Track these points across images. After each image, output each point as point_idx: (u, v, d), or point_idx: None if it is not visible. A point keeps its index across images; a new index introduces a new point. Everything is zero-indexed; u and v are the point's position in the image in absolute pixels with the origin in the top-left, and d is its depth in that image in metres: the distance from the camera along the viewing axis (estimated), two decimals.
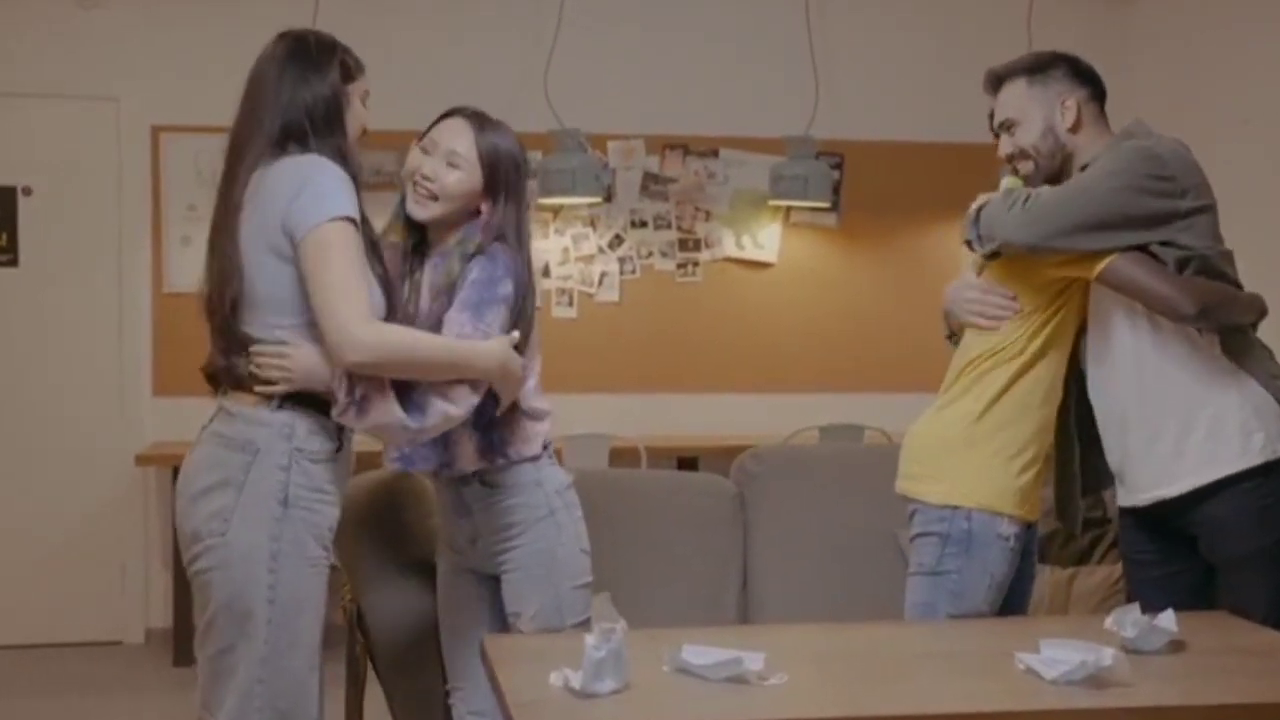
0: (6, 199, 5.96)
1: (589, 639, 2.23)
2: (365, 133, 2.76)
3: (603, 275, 6.45)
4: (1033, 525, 3.06)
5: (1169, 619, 2.55)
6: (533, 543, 2.88)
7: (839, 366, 6.57)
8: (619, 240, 6.46)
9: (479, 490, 2.90)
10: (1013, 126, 3.00)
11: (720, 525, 3.80)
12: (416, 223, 2.90)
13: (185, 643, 2.75)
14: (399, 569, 3.23)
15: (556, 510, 2.89)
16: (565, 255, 6.39)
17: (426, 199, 2.86)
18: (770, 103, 6.42)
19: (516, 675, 2.35)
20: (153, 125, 6.03)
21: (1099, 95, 3.00)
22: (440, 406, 2.68)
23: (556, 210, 6.30)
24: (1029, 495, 2.99)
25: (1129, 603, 2.76)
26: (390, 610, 3.21)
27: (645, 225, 6.48)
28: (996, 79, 3.03)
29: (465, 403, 2.71)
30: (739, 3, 6.49)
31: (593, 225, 6.43)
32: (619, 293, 6.46)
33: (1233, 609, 2.87)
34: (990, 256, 2.95)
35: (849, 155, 6.55)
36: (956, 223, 3.11)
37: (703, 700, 2.25)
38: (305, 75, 2.65)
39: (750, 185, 6.47)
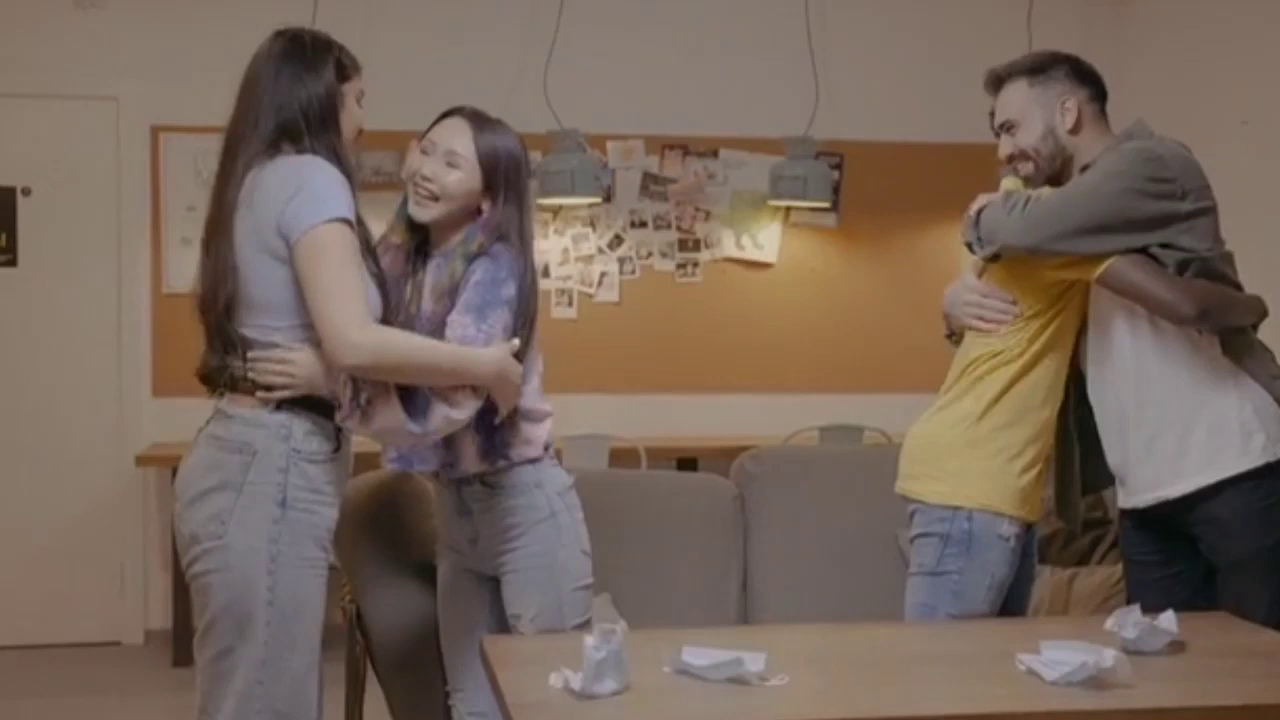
0: (5, 199, 5.95)
1: (589, 640, 2.22)
2: (361, 132, 2.74)
3: (602, 275, 6.44)
4: (1033, 526, 3.06)
5: (1169, 620, 2.54)
6: (533, 544, 2.87)
7: (839, 367, 6.56)
8: (618, 240, 6.46)
9: (479, 491, 2.89)
10: (1013, 127, 3.00)
11: (720, 526, 3.80)
12: (419, 224, 2.89)
13: (184, 643, 2.75)
14: (399, 570, 3.23)
15: (557, 512, 2.89)
16: (565, 255, 6.38)
17: (427, 200, 2.86)
18: (770, 103, 6.42)
19: (516, 676, 2.35)
20: (152, 125, 6.02)
21: (1100, 96, 3.00)
22: (443, 410, 2.68)
23: (556, 210, 6.29)
24: (1030, 496, 2.98)
25: (1129, 603, 2.76)
26: (390, 611, 3.20)
27: (645, 225, 6.48)
28: (997, 79, 3.03)
29: (468, 407, 2.71)
30: (738, 3, 6.49)
31: (592, 225, 6.43)
32: (618, 293, 6.46)
33: (1233, 610, 2.86)
34: (991, 259, 2.95)
35: (849, 155, 6.55)
36: (956, 223, 3.10)
37: (703, 701, 2.25)
38: (300, 74, 2.63)
39: (750, 185, 6.46)
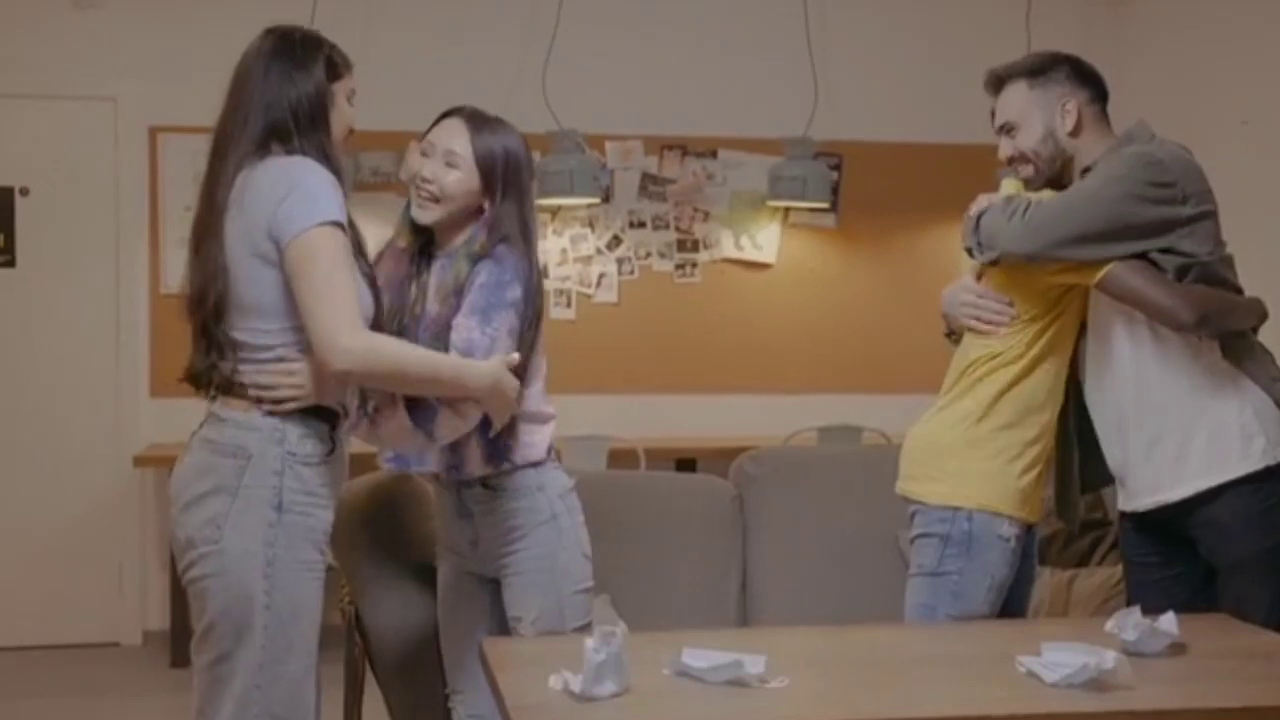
0: (3, 199, 5.94)
1: (589, 642, 2.22)
2: (352, 132, 2.72)
3: (601, 276, 6.44)
4: (1033, 527, 3.05)
5: (1170, 622, 2.54)
6: (534, 547, 2.87)
7: (837, 367, 6.56)
8: (617, 241, 6.46)
9: (480, 493, 2.89)
10: (1013, 129, 2.99)
11: (719, 527, 3.80)
12: (423, 226, 2.89)
13: (183, 644, 2.75)
14: (398, 571, 3.22)
15: (559, 514, 2.88)
16: (563, 256, 6.38)
17: (429, 201, 2.85)
18: (769, 103, 6.41)
19: (516, 679, 2.35)
20: (150, 126, 6.02)
21: (1101, 97, 2.99)
22: (449, 419, 2.68)
23: (555, 211, 6.29)
24: (1030, 497, 2.98)
25: (1129, 605, 2.75)
26: (389, 613, 3.20)
27: (644, 226, 6.48)
28: (997, 80, 3.02)
29: (474, 413, 2.71)
30: (737, 3, 6.48)
31: (591, 226, 6.42)
32: (617, 293, 6.45)
33: (1233, 611, 2.85)
34: (991, 263, 2.94)
35: (848, 156, 6.54)
36: (955, 224, 3.10)
37: (703, 704, 2.24)
38: (290, 72, 2.60)
39: (749, 186, 6.46)
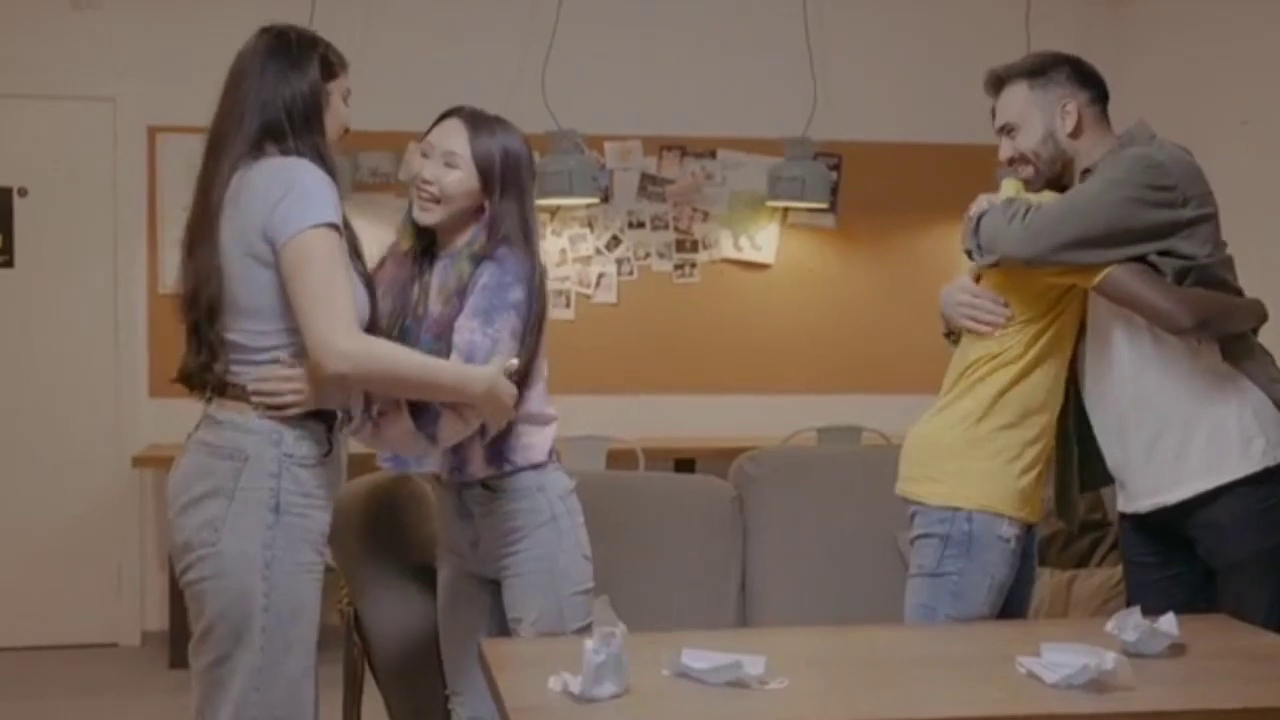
0: (2, 200, 5.94)
1: (589, 643, 2.22)
2: (347, 131, 2.71)
3: (600, 276, 6.43)
4: (1033, 527, 3.05)
5: (1170, 623, 2.54)
6: (534, 548, 2.86)
7: (837, 368, 6.56)
8: (616, 241, 6.45)
9: (481, 494, 2.88)
10: (1013, 130, 2.98)
11: (719, 528, 3.80)
12: (426, 228, 2.89)
13: (181, 645, 2.75)
14: (397, 572, 3.22)
15: (559, 516, 2.88)
16: (562, 256, 6.37)
17: (430, 203, 2.85)
18: (768, 103, 6.41)
19: (515, 680, 2.34)
20: (149, 126, 6.01)
21: (1101, 98, 2.98)
22: (451, 422, 2.68)
23: (554, 211, 6.29)
24: (1030, 497, 2.97)
25: (1129, 605, 2.75)
26: (389, 614, 3.19)
27: (643, 226, 6.47)
28: (997, 80, 3.01)
29: (475, 418, 2.71)
30: (736, 3, 6.48)
31: (590, 226, 6.42)
32: (616, 294, 6.45)
33: (1232, 612, 2.85)
34: (990, 266, 2.93)
35: (847, 156, 6.54)
36: (955, 224, 3.09)
37: (703, 705, 2.24)
38: (285, 71, 2.59)
39: (748, 186, 6.45)
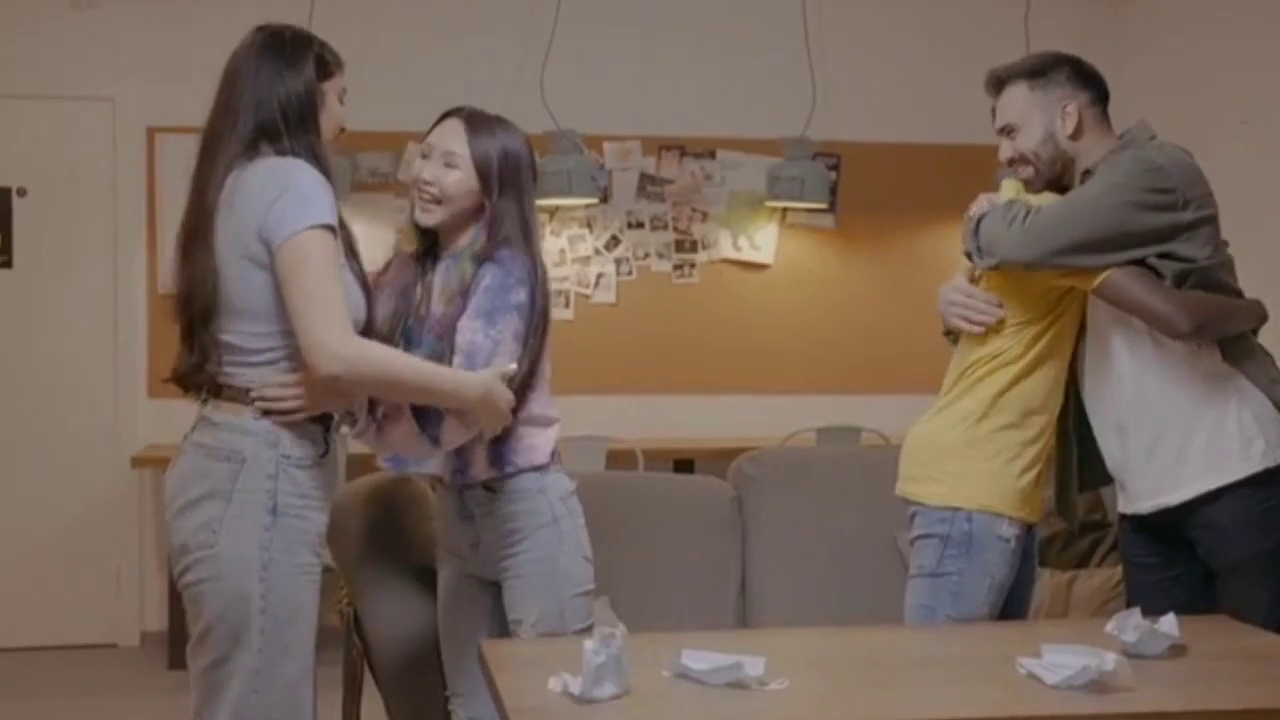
0: (1, 200, 5.93)
1: (589, 644, 2.21)
2: (343, 131, 2.70)
3: (599, 277, 6.43)
4: (1033, 528, 3.05)
5: (1170, 623, 2.53)
6: (535, 549, 2.86)
7: (836, 368, 6.55)
8: (615, 241, 6.45)
9: (482, 496, 2.88)
10: (1013, 131, 2.97)
11: (718, 528, 3.79)
12: (429, 229, 2.89)
13: (180, 646, 2.75)
14: (397, 573, 3.22)
15: (559, 517, 2.87)
16: (562, 257, 6.36)
17: (431, 204, 2.86)
18: (767, 103, 6.41)
19: (515, 680, 2.34)
20: (148, 126, 6.00)
21: (1101, 98, 2.97)
22: (455, 425, 2.68)
23: (553, 211, 6.28)
24: (1030, 497, 2.97)
25: (1129, 606, 2.75)
26: (389, 615, 3.19)
27: (642, 226, 6.47)
28: (998, 80, 3.00)
29: (476, 423, 2.71)
30: (736, 3, 6.48)
31: (589, 226, 6.41)
32: (615, 294, 6.45)
33: (1233, 613, 2.85)
34: (991, 268, 2.93)
35: (846, 156, 6.54)
36: (954, 224, 3.09)
37: (703, 706, 2.24)
38: (280, 71, 2.59)
39: (747, 186, 6.45)
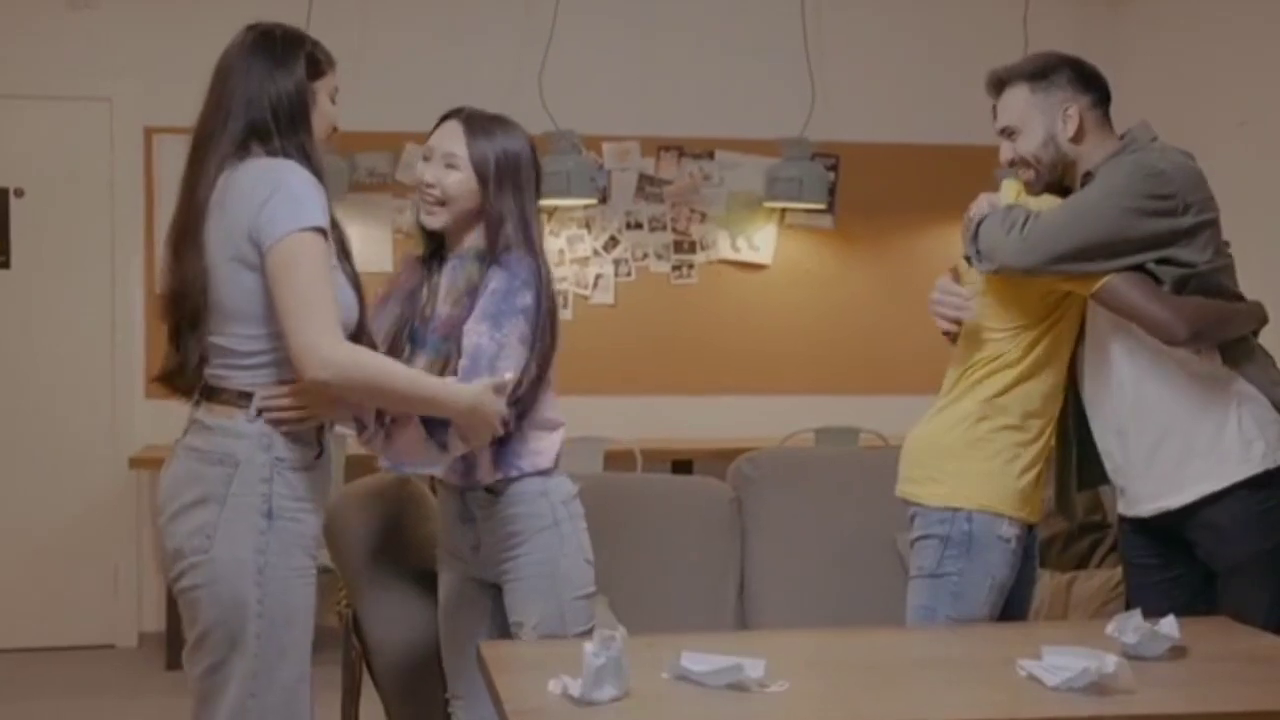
0: None
1: (588, 646, 2.21)
2: (335, 131, 2.68)
3: (598, 277, 6.43)
4: (1034, 528, 3.05)
5: (1170, 625, 2.53)
6: (535, 552, 2.85)
7: (834, 369, 6.55)
8: (614, 242, 6.44)
9: (483, 498, 2.88)
10: (1014, 134, 2.96)
11: (717, 529, 3.79)
12: (436, 231, 2.90)
13: (178, 647, 2.74)
14: (397, 575, 3.21)
15: (561, 520, 2.87)
16: (560, 257, 6.35)
17: (434, 206, 2.86)
18: (765, 104, 6.40)
19: (515, 682, 2.34)
20: (146, 126, 5.99)
21: (1103, 100, 2.96)
22: (458, 434, 2.68)
23: (551, 212, 6.27)
24: (1030, 497, 2.97)
25: (1129, 607, 2.75)
26: (388, 617, 3.18)
27: (640, 227, 6.46)
28: (999, 81, 2.99)
29: (475, 435, 2.70)
30: (734, 4, 6.47)
31: (587, 227, 6.41)
32: (614, 295, 6.44)
33: (1233, 614, 2.85)
34: (990, 272, 2.92)
35: (844, 157, 6.53)
36: (953, 225, 3.08)
37: (703, 708, 2.23)
38: (270, 70, 2.57)
39: (745, 187, 6.45)
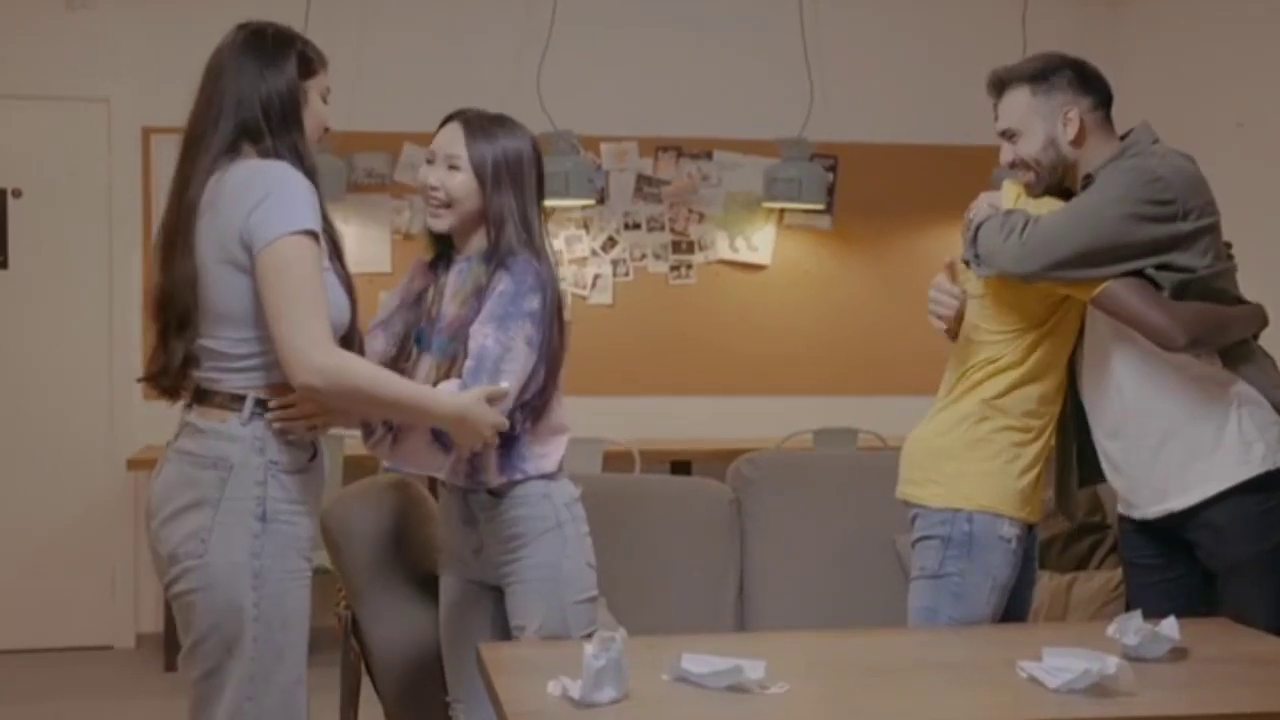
0: None
1: (588, 648, 2.21)
2: (327, 131, 2.67)
3: (596, 278, 6.42)
4: (1034, 528, 3.04)
5: (1171, 626, 2.53)
6: (538, 555, 2.84)
7: (833, 369, 6.55)
8: (612, 243, 6.44)
9: (486, 500, 2.87)
10: (1014, 136, 2.95)
11: (717, 530, 3.78)
12: (444, 234, 2.90)
13: (176, 648, 2.74)
14: (396, 577, 3.20)
15: (564, 523, 2.86)
16: (558, 258, 6.30)
17: (440, 208, 2.87)
18: (764, 104, 6.40)
19: (514, 684, 2.33)
20: (144, 127, 5.99)
21: (1104, 103, 2.95)
22: None
23: (549, 212, 6.24)
24: (1030, 498, 2.97)
25: (1129, 608, 2.75)
26: (388, 619, 3.17)
27: (639, 227, 6.46)
28: (999, 82, 2.98)
29: (476, 439, 2.69)
30: (733, 4, 6.47)
31: (586, 228, 6.41)
32: (612, 295, 6.44)
33: (1233, 615, 2.85)
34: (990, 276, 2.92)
35: (843, 157, 6.53)
36: (951, 225, 3.08)
37: (703, 710, 2.23)
38: (261, 69, 2.55)
39: (744, 187, 6.45)
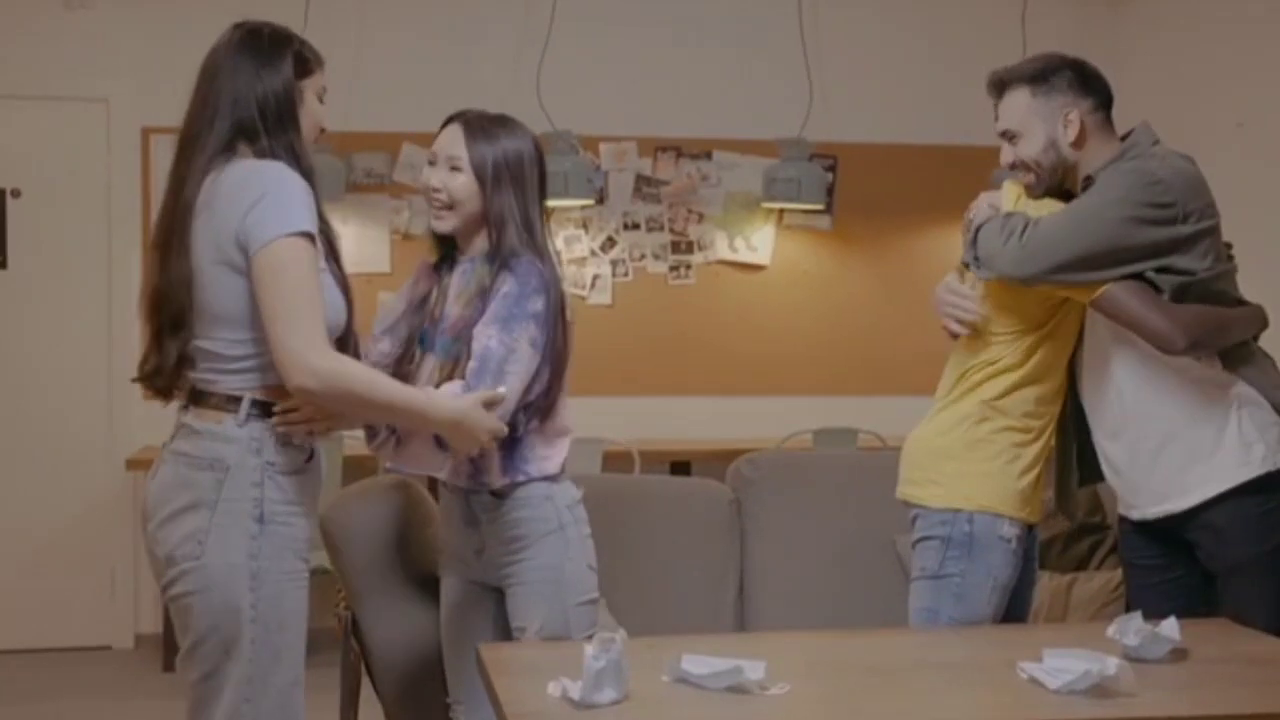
0: None
1: (588, 649, 2.21)
2: (323, 131, 2.66)
3: (595, 278, 6.42)
4: (1034, 528, 3.04)
5: (1171, 627, 2.53)
6: (540, 556, 2.84)
7: (832, 369, 6.55)
8: (611, 243, 6.44)
9: (488, 501, 2.87)
10: (1014, 138, 2.94)
11: (717, 531, 3.78)
12: (447, 236, 2.91)
13: (174, 649, 2.73)
14: (397, 578, 3.20)
15: (566, 525, 2.86)
16: (557, 258, 6.32)
17: (443, 210, 2.87)
18: (763, 104, 6.40)
19: (514, 685, 2.33)
20: (143, 127, 5.98)
21: (1104, 104, 2.94)
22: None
23: (549, 213, 6.23)
24: (1030, 498, 2.97)
25: (1129, 608, 2.75)
26: (388, 620, 3.17)
27: (638, 228, 6.46)
28: (1000, 83, 2.97)
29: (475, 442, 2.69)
30: (732, 4, 6.47)
31: (585, 228, 6.41)
32: (611, 295, 6.44)
33: (1233, 616, 2.85)
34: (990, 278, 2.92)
35: (843, 157, 6.53)
36: (951, 225, 3.08)
37: (703, 711, 2.23)
38: (257, 69, 2.54)
39: (743, 187, 6.44)
